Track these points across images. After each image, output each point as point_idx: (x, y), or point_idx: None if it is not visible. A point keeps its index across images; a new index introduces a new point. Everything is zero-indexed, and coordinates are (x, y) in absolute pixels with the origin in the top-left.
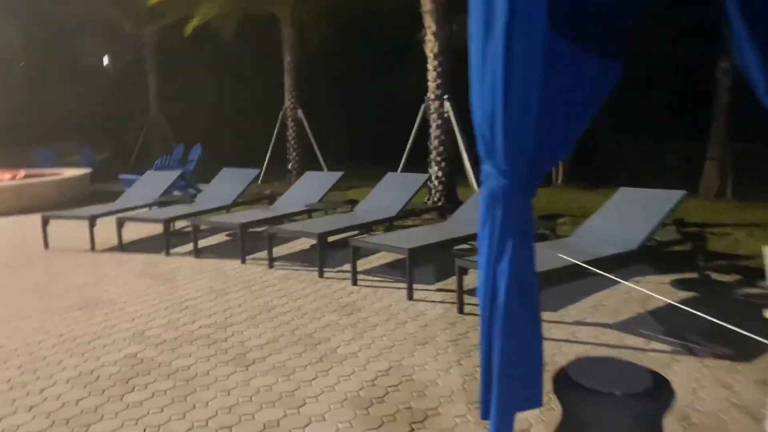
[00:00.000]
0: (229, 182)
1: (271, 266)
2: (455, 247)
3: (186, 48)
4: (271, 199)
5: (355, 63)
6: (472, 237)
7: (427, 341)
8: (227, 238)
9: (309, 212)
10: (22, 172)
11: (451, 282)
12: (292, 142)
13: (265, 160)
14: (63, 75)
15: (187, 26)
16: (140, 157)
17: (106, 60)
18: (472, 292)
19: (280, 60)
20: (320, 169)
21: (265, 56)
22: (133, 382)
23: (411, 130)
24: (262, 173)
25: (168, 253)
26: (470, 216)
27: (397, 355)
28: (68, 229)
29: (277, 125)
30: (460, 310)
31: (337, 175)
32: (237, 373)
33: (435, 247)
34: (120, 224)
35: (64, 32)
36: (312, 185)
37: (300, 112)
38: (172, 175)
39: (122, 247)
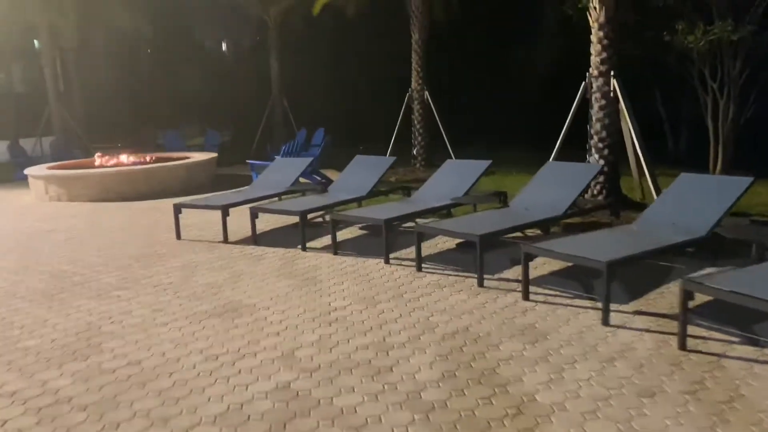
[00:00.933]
0: (363, 171)
1: (419, 269)
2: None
3: (306, 29)
4: (407, 190)
5: (485, 40)
6: (676, 248)
7: (654, 392)
8: (362, 231)
9: (453, 207)
10: (152, 156)
11: (661, 306)
12: (418, 126)
13: (388, 145)
14: (185, 60)
15: (315, 4)
16: (261, 140)
17: (224, 45)
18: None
19: (403, 40)
20: (447, 155)
21: (388, 36)
22: (292, 427)
23: (548, 110)
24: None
25: (304, 248)
26: (662, 219)
27: (621, 411)
28: (199, 217)
29: (403, 108)
30: (682, 346)
31: (485, 164)
32: (417, 423)
33: (635, 259)
34: (254, 216)
35: (186, 19)
36: (455, 175)
37: (427, 94)
38: (302, 163)
39: (256, 239)
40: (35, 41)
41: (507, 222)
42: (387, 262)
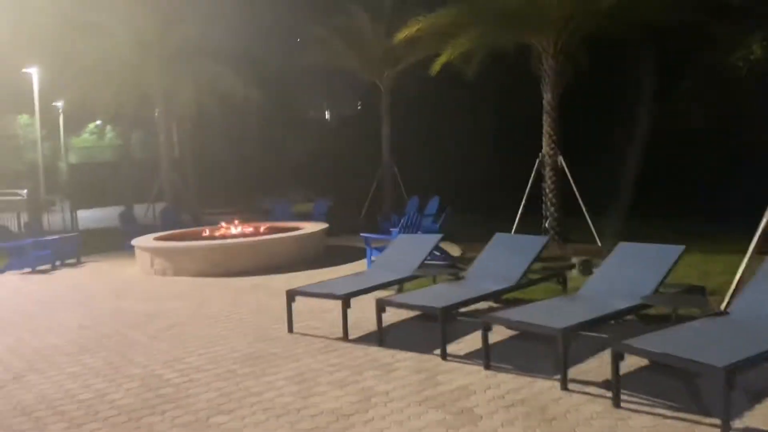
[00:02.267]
0: (507, 252)
1: (617, 403)
2: None
3: (419, 92)
4: (562, 277)
5: (618, 96)
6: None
7: None
8: (512, 332)
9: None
10: (261, 226)
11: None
12: (550, 195)
13: (505, 214)
14: (291, 127)
15: (434, 64)
16: (370, 209)
17: (327, 113)
18: None
19: (531, 101)
20: (584, 228)
21: (513, 96)
22: None
23: (709, 171)
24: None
25: (445, 356)
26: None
27: None
28: (313, 301)
29: (532, 175)
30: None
31: (677, 250)
32: None
33: None
34: (381, 309)
35: (291, 86)
36: (639, 262)
37: (561, 159)
38: (428, 242)
39: (382, 338)
40: (156, 111)
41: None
42: (565, 387)
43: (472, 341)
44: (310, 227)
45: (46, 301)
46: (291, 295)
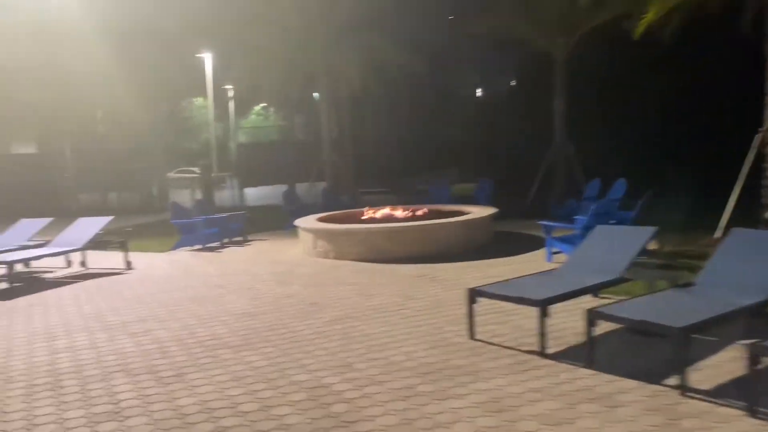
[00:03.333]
0: (754, 254)
1: None
2: None
3: (596, 63)
4: None
5: None
6: None
7: None
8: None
9: None
10: (422, 209)
11: None
12: None
13: (719, 204)
14: (443, 104)
15: (639, 23)
16: (539, 192)
17: (479, 92)
18: None
19: (731, 67)
20: None
21: (708, 63)
22: None
23: None
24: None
25: (684, 391)
26: None
27: None
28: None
29: (753, 155)
30: None
31: None
32: None
33: None
34: (592, 323)
35: (444, 60)
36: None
37: None
38: (637, 235)
39: (591, 358)
40: (318, 93)
41: None
42: None
43: (715, 370)
44: (477, 211)
45: (214, 283)
46: (473, 296)
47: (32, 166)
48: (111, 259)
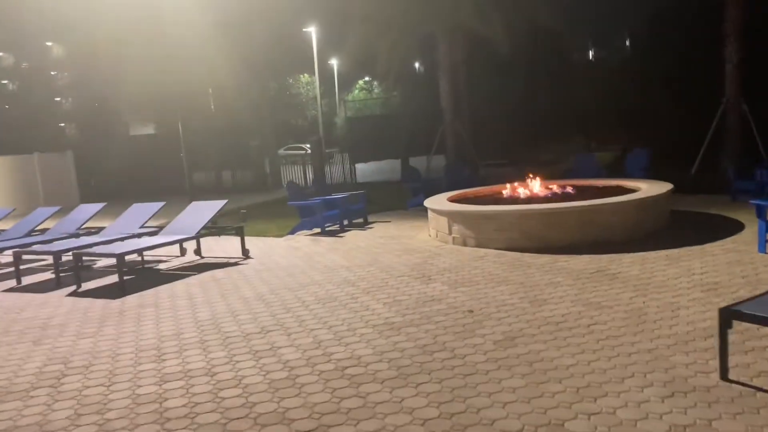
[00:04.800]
0: None
1: None
2: None
3: None
4: None
5: None
6: None
7: None
8: None
9: None
10: (566, 185)
11: None
12: None
13: None
14: (556, 69)
15: None
16: (705, 159)
17: (591, 53)
18: None
19: None
20: None
21: None
22: None
23: None
24: None
25: None
26: None
27: None
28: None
29: None
30: None
31: None
32: None
33: None
34: None
35: (554, 25)
36: None
37: None
38: None
39: None
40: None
41: None
42: None
43: None
44: (647, 188)
45: (342, 278)
46: (727, 318)
47: (151, 147)
48: (227, 244)
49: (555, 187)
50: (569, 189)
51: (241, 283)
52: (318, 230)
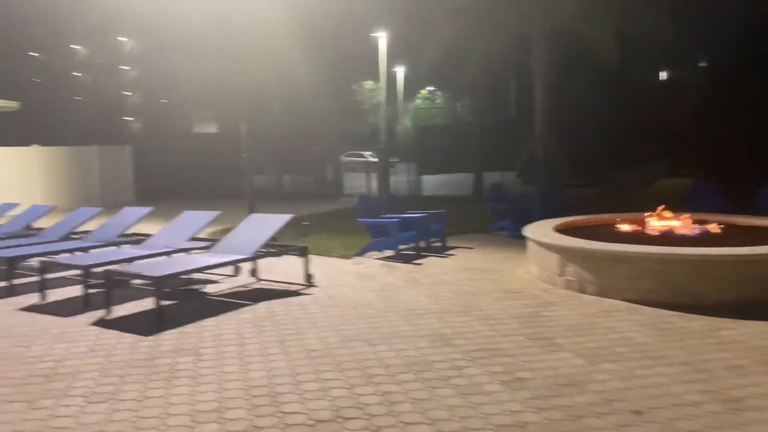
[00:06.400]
0: None
1: None
2: None
3: None
4: None
5: None
6: None
7: None
8: None
9: None
10: (710, 222)
11: None
12: None
13: None
14: (637, 87)
15: None
16: None
17: (662, 74)
18: None
19: None
20: None
21: None
22: None
23: None
24: None
25: None
26: None
27: None
28: None
29: None
30: None
31: None
32: None
33: None
34: None
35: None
36: None
37: None
38: None
39: None
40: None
41: None
42: None
43: None
44: None
45: (433, 330)
46: None
47: (212, 146)
48: (287, 263)
49: (695, 225)
50: (713, 227)
51: (305, 326)
52: (391, 252)
